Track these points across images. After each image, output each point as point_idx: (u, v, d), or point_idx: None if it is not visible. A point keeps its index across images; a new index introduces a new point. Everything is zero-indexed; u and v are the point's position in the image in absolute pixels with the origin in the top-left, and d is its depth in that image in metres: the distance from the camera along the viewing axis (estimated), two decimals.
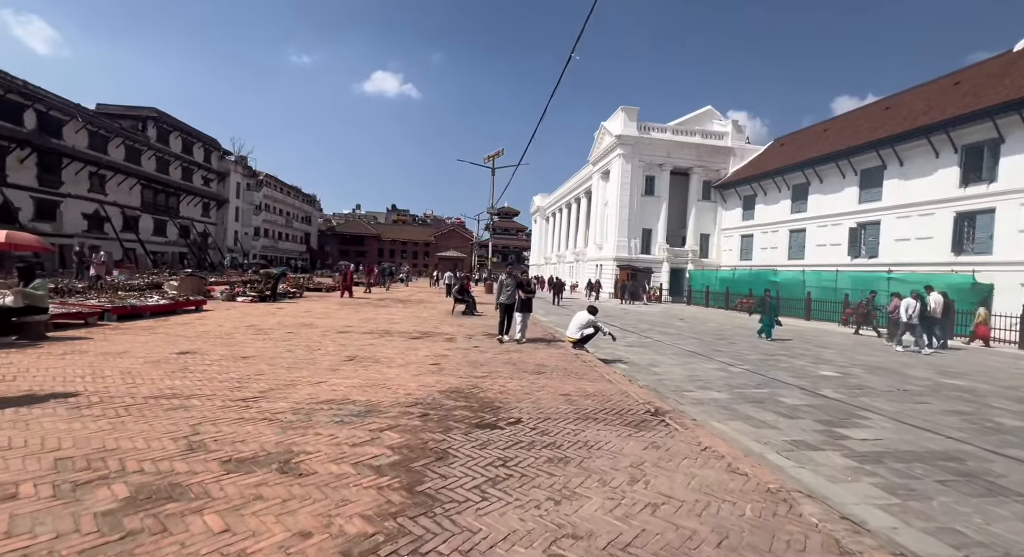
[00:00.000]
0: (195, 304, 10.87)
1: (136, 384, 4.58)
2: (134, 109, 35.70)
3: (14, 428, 3.29)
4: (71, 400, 3.97)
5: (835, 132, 26.81)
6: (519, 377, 5.99)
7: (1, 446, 2.97)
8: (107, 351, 6.03)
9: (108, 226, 30.20)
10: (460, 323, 11.70)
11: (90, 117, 29.65)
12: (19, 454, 2.87)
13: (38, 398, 3.99)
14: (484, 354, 7.52)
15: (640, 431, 4.02)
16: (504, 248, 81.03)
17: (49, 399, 3.97)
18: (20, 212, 24.47)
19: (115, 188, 31.40)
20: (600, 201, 37.94)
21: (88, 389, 4.32)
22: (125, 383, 4.59)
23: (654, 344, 10.92)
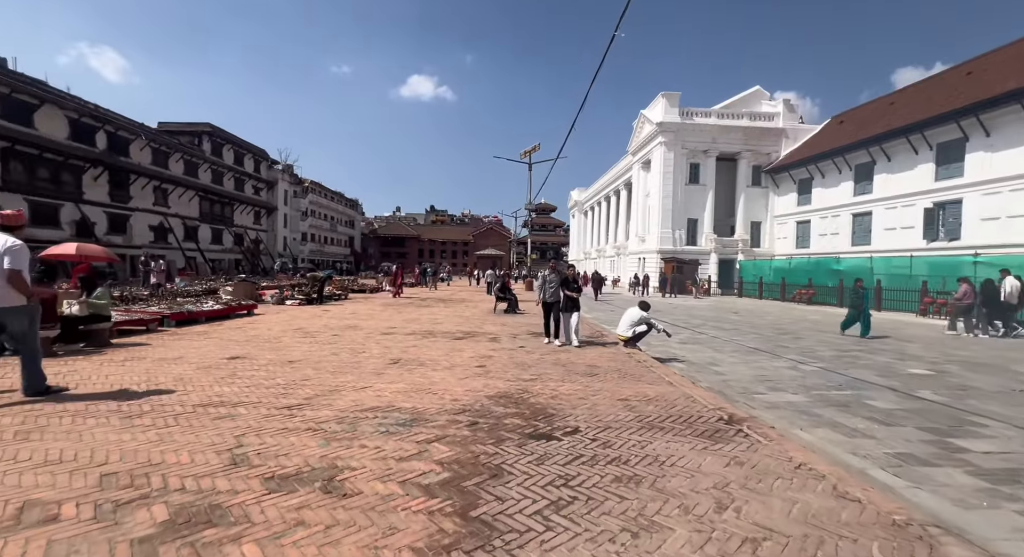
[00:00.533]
0: (247, 308, 11.20)
1: (187, 391, 4.56)
2: (191, 125, 37.95)
3: (68, 439, 3.27)
4: (124, 408, 3.97)
5: (903, 105, 24.45)
6: (570, 380, 5.61)
7: (52, 460, 2.92)
8: (163, 357, 6.17)
9: (171, 236, 32.26)
10: (503, 322, 11.43)
11: (152, 135, 31.74)
12: (68, 468, 2.80)
13: (94, 407, 4.02)
14: (531, 355, 7.18)
15: (716, 443, 3.54)
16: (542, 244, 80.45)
17: (104, 408, 3.98)
18: (96, 226, 26.50)
19: (176, 200, 33.50)
20: (641, 192, 36.70)
21: (142, 396, 4.33)
22: (177, 390, 4.59)
23: (710, 340, 10.20)
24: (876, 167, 23.96)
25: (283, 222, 49.18)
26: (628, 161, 40.37)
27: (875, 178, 24.09)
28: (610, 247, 46.86)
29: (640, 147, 35.99)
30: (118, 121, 28.59)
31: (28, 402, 4.12)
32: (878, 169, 23.88)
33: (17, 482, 2.62)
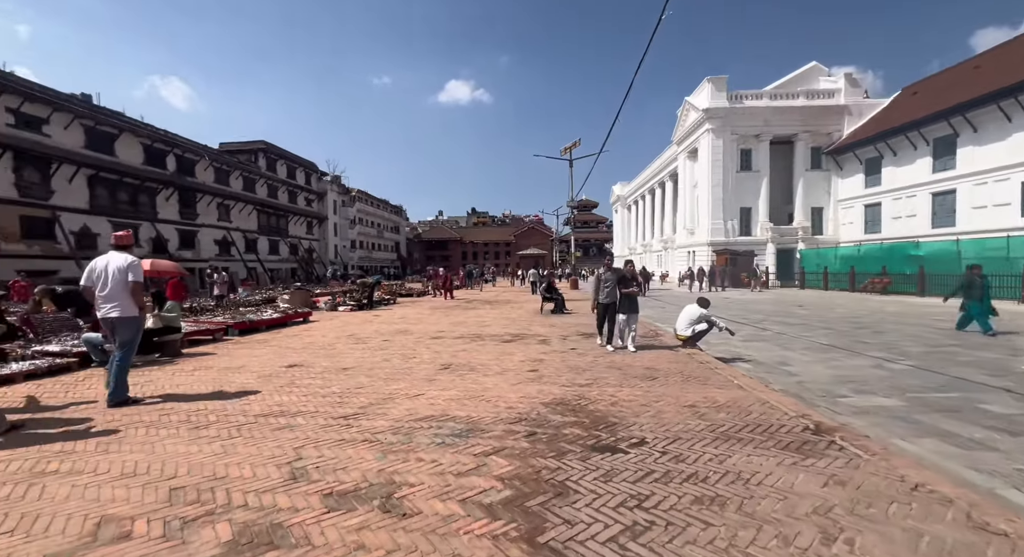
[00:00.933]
0: (303, 316, 11.63)
1: (249, 401, 4.67)
2: (247, 144, 40.39)
3: (142, 451, 3.37)
4: (193, 418, 4.10)
5: (990, 68, 21.86)
6: (629, 384, 5.29)
7: (128, 472, 3.01)
8: (228, 366, 6.43)
9: (233, 249, 34.44)
10: (551, 323, 11.18)
11: (214, 155, 34.03)
12: (141, 482, 2.86)
13: (166, 417, 4.18)
14: (584, 357, 6.90)
15: (807, 457, 3.14)
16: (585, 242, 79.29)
17: (175, 418, 4.13)
18: (169, 243, 28.73)
19: (237, 215, 35.74)
20: (688, 183, 35.21)
21: (208, 407, 4.47)
22: (240, 400, 4.72)
23: (776, 337, 9.46)
24: (960, 140, 21.58)
25: (333, 231, 51.35)
26: (673, 151, 38.86)
27: (959, 152, 21.69)
28: (657, 241, 45.36)
29: (685, 136, 34.51)
30: (185, 144, 30.85)
31: (111, 413, 4.34)
32: (962, 142, 21.49)
33: (97, 495, 2.70)
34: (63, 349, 6.22)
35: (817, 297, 20.63)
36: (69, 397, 4.92)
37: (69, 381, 5.60)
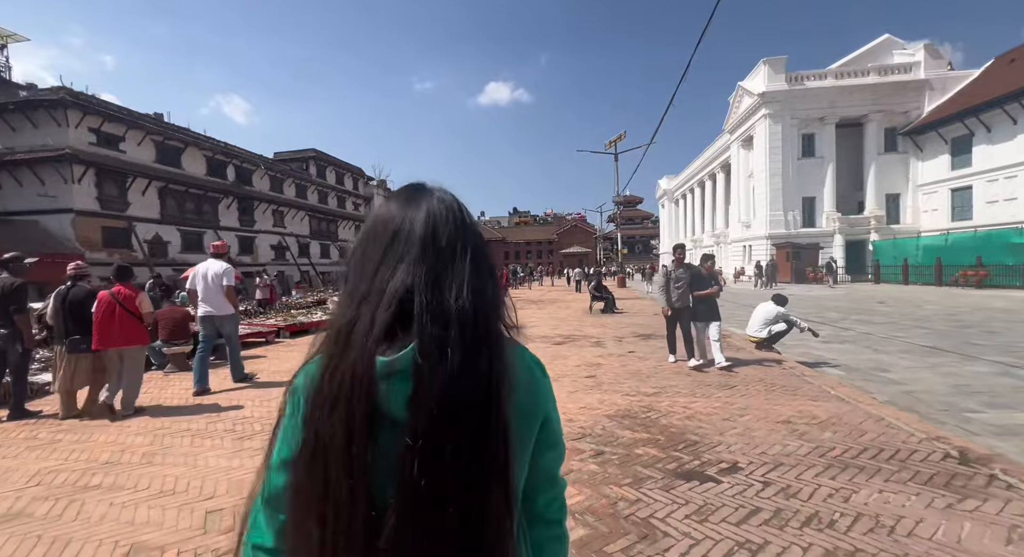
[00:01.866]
0: None
1: None
2: (298, 153, 42.20)
3: (184, 464, 3.19)
4: (238, 428, 3.93)
5: None
6: (704, 393, 4.67)
7: (167, 490, 2.80)
8: (276, 369, 6.37)
9: (288, 253, 36.02)
10: (602, 323, 10.57)
11: (269, 164, 35.75)
12: (179, 502, 2.64)
13: (213, 426, 4.03)
14: (644, 361, 6.30)
15: (964, 498, 2.46)
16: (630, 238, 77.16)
17: (220, 427, 3.97)
18: (231, 249, 30.40)
19: (290, 221, 37.36)
20: (742, 173, 33.15)
21: (254, 414, 4.31)
22: None
23: (862, 338, 8.38)
24: None
25: None
26: (724, 141, 36.81)
27: None
28: (708, 236, 43.21)
29: (739, 123, 32.51)
30: (242, 155, 32.57)
31: (159, 421, 4.27)
32: None
33: (132, 518, 2.49)
34: None
35: (897, 292, 18.61)
36: None
37: None
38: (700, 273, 6.03)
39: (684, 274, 6.00)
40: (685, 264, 6.13)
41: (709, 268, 6.09)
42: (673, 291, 6.00)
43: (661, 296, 6.12)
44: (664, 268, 6.17)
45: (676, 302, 5.99)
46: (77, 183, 21.48)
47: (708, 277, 6.01)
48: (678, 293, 5.98)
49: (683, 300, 5.98)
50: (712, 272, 6.11)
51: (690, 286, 5.95)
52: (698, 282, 5.97)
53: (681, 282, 5.96)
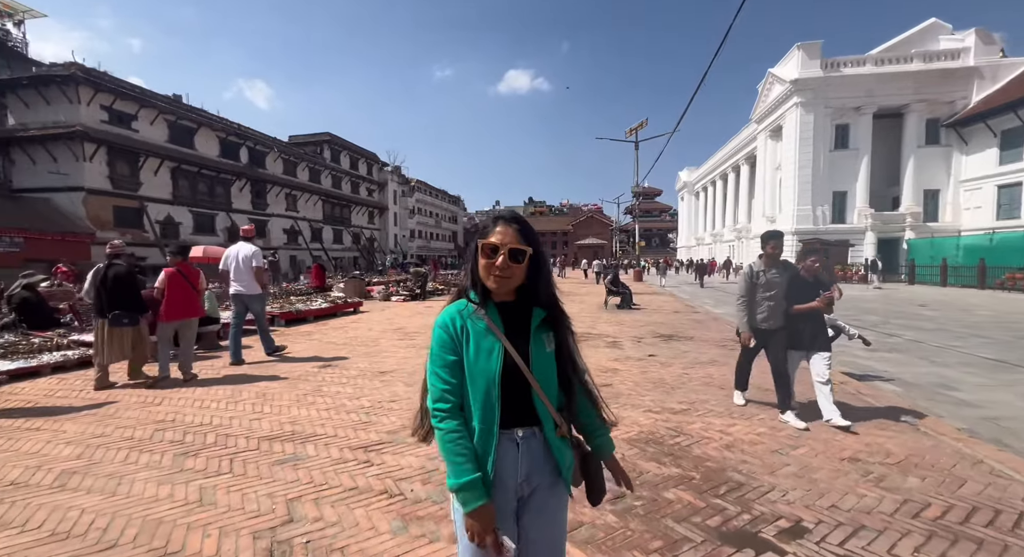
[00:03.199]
0: (354, 306, 11.14)
1: (261, 415, 3.87)
2: (313, 136, 41.80)
3: (101, 492, 2.59)
4: (188, 439, 3.33)
5: None
6: (743, 414, 3.93)
7: (59, 533, 2.19)
8: (259, 363, 5.79)
9: (300, 238, 35.80)
10: (619, 320, 9.82)
11: (283, 147, 35.39)
12: (71, 550, 2.03)
13: (160, 434, 3.44)
14: (667, 368, 5.56)
15: None
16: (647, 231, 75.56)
17: (168, 437, 3.38)
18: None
19: (303, 205, 37.09)
20: (769, 165, 31.67)
21: (212, 421, 3.72)
22: (251, 412, 3.93)
23: (913, 347, 7.48)
24: None
25: (393, 220, 52.36)
26: (751, 131, 35.22)
27: None
28: (729, 231, 41.75)
29: (768, 113, 30.94)
30: (256, 137, 32.23)
31: (93, 425, 3.71)
32: None
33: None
34: None
35: (939, 295, 17.37)
36: (80, 397, 4.41)
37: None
38: (799, 275, 3.94)
39: (779, 277, 3.90)
40: (781, 262, 3.97)
41: (814, 267, 3.95)
42: (760, 302, 3.95)
43: (739, 312, 4.02)
44: (749, 269, 4.02)
45: (765, 321, 3.93)
46: (88, 161, 21.32)
47: (813, 282, 3.90)
48: (768, 307, 3.91)
49: (775, 318, 3.90)
50: (817, 273, 3.98)
51: (786, 296, 3.88)
52: (798, 290, 3.87)
53: (774, 289, 3.89)
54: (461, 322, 1.14)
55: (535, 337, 1.16)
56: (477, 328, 1.14)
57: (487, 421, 1.10)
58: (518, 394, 1.12)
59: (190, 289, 4.96)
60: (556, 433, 1.16)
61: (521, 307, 1.19)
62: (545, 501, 1.16)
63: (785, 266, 3.99)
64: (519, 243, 1.14)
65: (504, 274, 1.13)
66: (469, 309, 1.16)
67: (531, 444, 1.15)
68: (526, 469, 1.14)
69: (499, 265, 1.13)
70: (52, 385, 4.76)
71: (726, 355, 6.22)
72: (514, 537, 1.10)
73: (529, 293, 1.19)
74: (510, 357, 1.12)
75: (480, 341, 1.12)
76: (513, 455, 1.13)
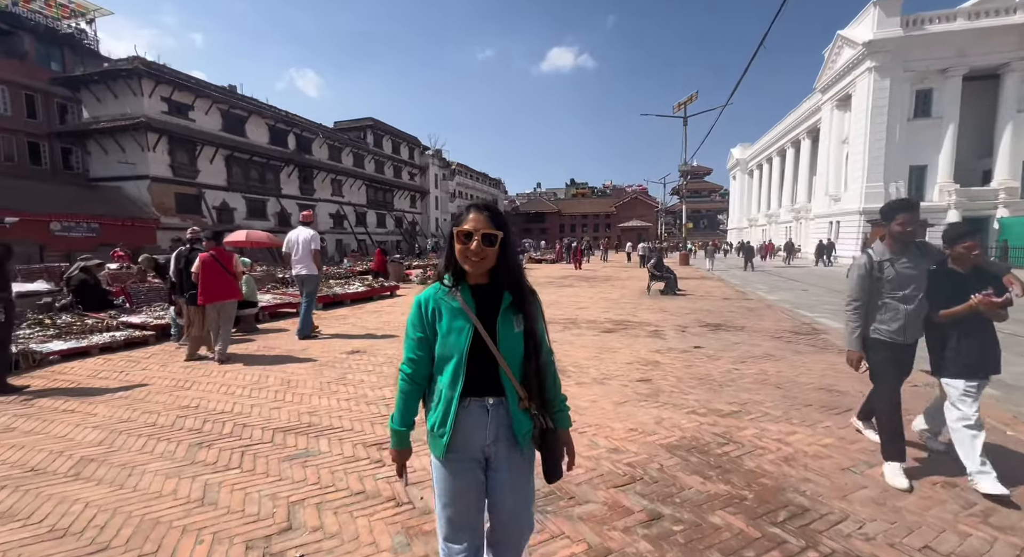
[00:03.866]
0: (390, 289, 11.18)
1: (282, 403, 3.78)
2: (356, 122, 42.53)
3: (110, 485, 2.54)
4: (207, 428, 3.28)
5: None
6: (803, 417, 3.43)
7: (59, 528, 2.13)
8: (291, 348, 5.81)
9: (346, 222, 36.83)
10: (661, 306, 9.25)
11: (328, 133, 36.24)
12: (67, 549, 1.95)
13: (181, 421, 3.42)
14: (715, 362, 5.05)
15: None
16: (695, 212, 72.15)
17: (188, 425, 3.34)
18: (291, 217, 31.43)
19: (349, 190, 38.04)
20: (834, 138, 29.00)
21: (234, 409, 3.67)
22: (273, 400, 3.86)
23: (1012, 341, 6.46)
24: None
25: (434, 204, 52.85)
26: (814, 102, 32.31)
27: None
28: (786, 211, 38.99)
29: (835, 80, 28.15)
30: (302, 124, 33.14)
31: (112, 411, 3.75)
32: None
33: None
34: (143, 321, 6.13)
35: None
36: (118, 378, 4.53)
37: (138, 357, 5.36)
38: (947, 265, 2.58)
39: (913, 266, 2.61)
40: (917, 245, 2.67)
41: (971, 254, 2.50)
42: (887, 308, 2.64)
43: (850, 323, 2.75)
44: (867, 259, 2.71)
45: (900, 333, 2.63)
46: (152, 150, 22.67)
47: (969, 274, 2.51)
48: (906, 313, 2.60)
49: (913, 327, 2.64)
50: (978, 262, 2.54)
51: (925, 297, 2.58)
52: (943, 284, 2.54)
53: (911, 286, 2.60)
54: (434, 304, 1.30)
55: (503, 317, 1.29)
56: (451, 307, 1.28)
57: (452, 388, 1.27)
58: (486, 368, 1.28)
59: (224, 273, 5.10)
60: (519, 405, 1.30)
61: (493, 290, 1.31)
62: (508, 461, 1.32)
63: (923, 250, 2.66)
64: (490, 228, 1.25)
65: (478, 256, 1.25)
66: (443, 291, 1.31)
67: (499, 411, 1.30)
68: (493, 433, 1.30)
69: (473, 249, 1.24)
70: (98, 365, 4.95)
71: (782, 348, 5.61)
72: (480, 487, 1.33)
73: (500, 276, 1.31)
74: (479, 334, 1.26)
75: (453, 319, 1.27)
76: (483, 419, 1.29)
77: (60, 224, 18.88)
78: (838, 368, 4.75)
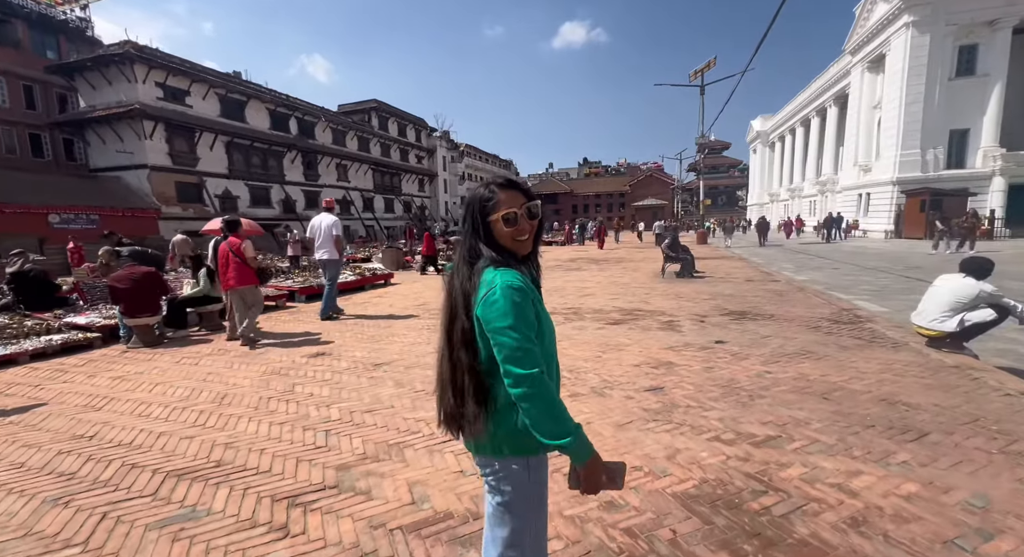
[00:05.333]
0: (384, 278, 10.46)
1: (200, 430, 3.07)
2: (360, 104, 41.51)
3: None
4: (82, 472, 2.58)
5: None
6: (869, 446, 2.56)
7: None
8: (246, 350, 5.11)
9: (352, 208, 36.22)
10: (677, 292, 8.32)
11: (331, 116, 35.35)
12: None
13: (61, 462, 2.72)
14: (742, 361, 4.18)
15: None
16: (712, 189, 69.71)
17: (60, 470, 2.64)
18: (296, 203, 30.91)
19: (354, 175, 37.32)
20: (864, 105, 27.02)
21: (136, 439, 2.97)
22: (192, 425, 3.15)
23: None
24: None
25: (443, 187, 51.86)
26: (842, 65, 30.10)
27: None
28: (811, 184, 37.02)
29: (867, 40, 26.00)
30: (303, 107, 32.27)
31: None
32: None
33: None
34: (89, 322, 5.50)
35: None
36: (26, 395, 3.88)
37: (70, 364, 4.72)
38: None
39: None
40: None
41: None
42: None
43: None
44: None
45: None
46: (149, 139, 22.15)
47: None
48: None
49: None
50: None
51: None
52: None
53: None
54: (531, 294, 1.12)
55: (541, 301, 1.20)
56: (538, 297, 1.17)
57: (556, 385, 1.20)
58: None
59: (238, 261, 5.17)
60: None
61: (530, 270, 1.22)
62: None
63: None
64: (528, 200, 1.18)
65: (530, 233, 1.18)
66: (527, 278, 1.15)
67: None
68: None
69: (527, 228, 1.17)
70: (18, 377, 4.34)
71: (822, 343, 4.69)
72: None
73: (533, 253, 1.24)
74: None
75: (542, 308, 1.16)
76: None
77: (59, 216, 18.61)
78: (896, 370, 3.84)
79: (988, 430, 2.72)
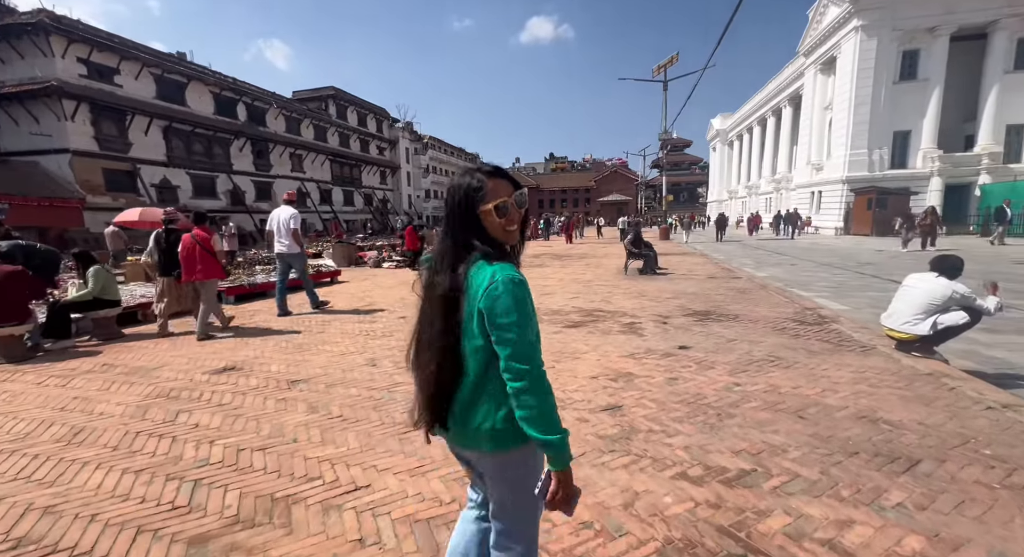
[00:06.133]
0: (330, 275, 9.63)
1: (24, 482, 2.34)
2: (317, 91, 39.50)
3: None
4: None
5: None
6: (856, 481, 2.16)
7: None
8: (140, 366, 4.30)
9: (309, 200, 34.41)
10: (640, 290, 7.98)
11: (283, 103, 33.35)
12: None
13: None
14: (708, 371, 3.79)
15: None
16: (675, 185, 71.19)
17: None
18: (246, 195, 28.98)
19: (310, 165, 35.45)
20: (817, 105, 27.93)
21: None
22: (14, 477, 2.41)
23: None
24: None
25: (406, 180, 50.37)
26: (797, 66, 31.02)
27: None
28: (766, 182, 38.19)
29: (819, 42, 26.81)
30: (253, 92, 30.22)
31: None
32: None
33: None
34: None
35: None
36: None
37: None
38: None
39: None
40: None
41: None
42: None
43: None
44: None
45: None
46: (71, 120, 19.96)
47: None
48: None
49: None
50: None
51: None
52: None
53: None
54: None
55: None
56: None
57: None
58: None
59: (204, 253, 5.09)
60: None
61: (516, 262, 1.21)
62: None
63: None
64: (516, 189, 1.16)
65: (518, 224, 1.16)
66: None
67: None
68: None
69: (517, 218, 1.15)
70: None
71: (789, 347, 4.38)
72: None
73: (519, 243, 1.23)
74: None
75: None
76: None
77: None
78: (870, 379, 3.53)
79: (982, 456, 2.39)
